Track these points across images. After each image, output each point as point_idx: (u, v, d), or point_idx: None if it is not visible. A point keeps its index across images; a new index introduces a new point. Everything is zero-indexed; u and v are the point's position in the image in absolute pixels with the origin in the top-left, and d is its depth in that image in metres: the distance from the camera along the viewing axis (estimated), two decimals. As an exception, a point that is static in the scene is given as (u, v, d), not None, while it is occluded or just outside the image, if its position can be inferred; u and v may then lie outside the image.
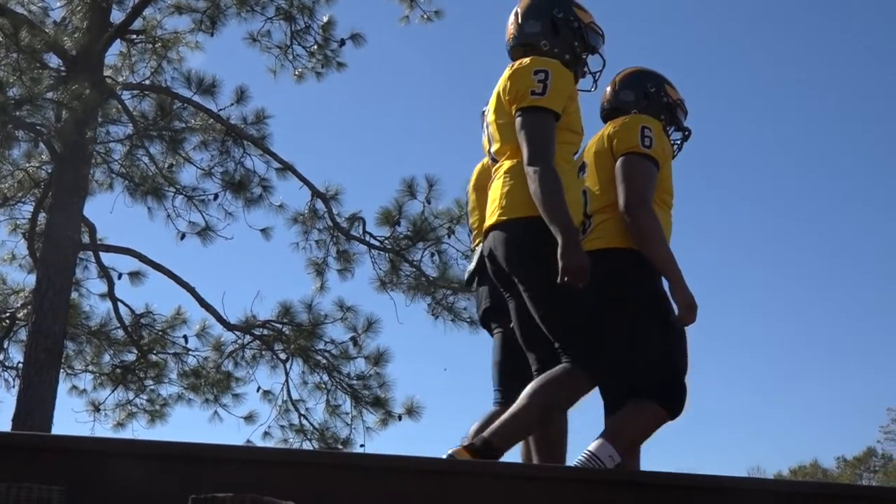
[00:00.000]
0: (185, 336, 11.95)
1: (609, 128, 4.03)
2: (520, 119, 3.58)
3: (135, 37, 11.28)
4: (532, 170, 3.48)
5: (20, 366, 10.71)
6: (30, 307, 10.58)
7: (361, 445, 11.47)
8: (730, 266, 62.44)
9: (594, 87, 3.97)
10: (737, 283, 62.81)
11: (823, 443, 63.43)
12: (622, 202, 3.82)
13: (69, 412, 12.38)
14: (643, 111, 4.10)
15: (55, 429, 9.82)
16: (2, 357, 12.03)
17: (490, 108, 3.78)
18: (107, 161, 11.53)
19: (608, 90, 4.23)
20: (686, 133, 4.32)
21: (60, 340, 10.08)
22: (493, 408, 4.04)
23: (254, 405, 12.08)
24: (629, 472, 3.53)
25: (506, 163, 3.66)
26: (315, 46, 11.63)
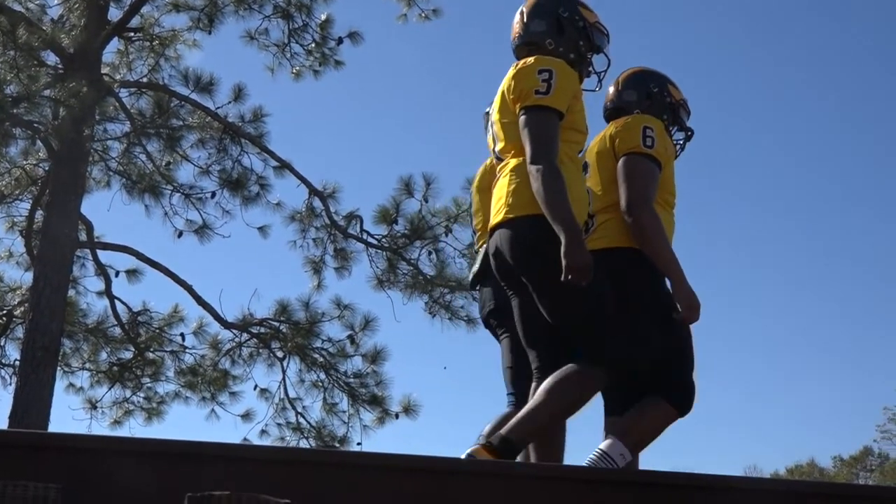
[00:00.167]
0: (182, 334, 11.97)
1: (611, 128, 4.03)
2: (523, 118, 3.58)
3: (132, 34, 11.26)
4: (535, 168, 3.47)
5: (17, 363, 10.71)
6: (27, 305, 10.55)
7: (358, 444, 11.48)
8: (728, 266, 62.51)
9: (599, 87, 3.98)
10: (735, 283, 62.85)
11: (820, 442, 63.63)
12: (624, 202, 3.82)
13: (66, 410, 12.42)
14: (646, 111, 4.10)
15: (52, 426, 9.82)
16: (-1, 354, 12.03)
17: (495, 108, 3.78)
18: (104, 159, 11.52)
19: (611, 90, 4.23)
20: (689, 133, 4.32)
21: (57, 338, 10.06)
22: (507, 409, 4.03)
23: (251, 403, 12.12)
24: (629, 472, 3.52)
25: (511, 161, 3.65)
26: (313, 44, 11.63)
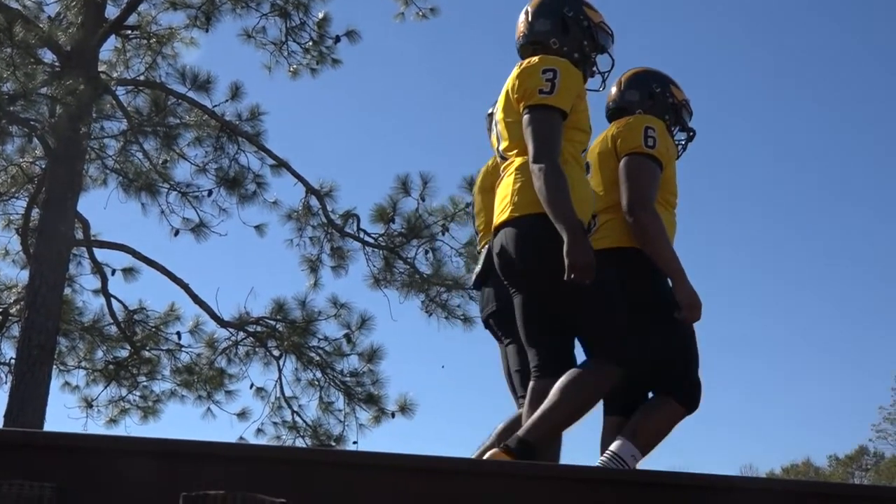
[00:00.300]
0: (179, 332, 11.95)
1: (613, 128, 4.04)
2: (527, 116, 3.57)
3: (129, 32, 11.25)
4: (537, 167, 3.47)
5: (12, 362, 10.66)
6: (23, 303, 10.54)
7: (354, 443, 11.48)
8: (727, 266, 62.57)
9: (602, 87, 3.98)
10: (733, 283, 62.89)
11: (815, 441, 63.69)
12: (625, 202, 3.83)
13: (62, 408, 12.41)
14: (648, 111, 4.10)
15: (47, 425, 9.81)
16: (-6, 353, 12.00)
17: (499, 107, 3.78)
18: (101, 157, 11.49)
19: (613, 90, 4.23)
20: (691, 134, 4.31)
21: (53, 336, 10.05)
22: (518, 410, 4.01)
23: (247, 402, 12.11)
24: (628, 472, 3.51)
25: (516, 160, 3.65)
26: (310, 43, 11.62)
